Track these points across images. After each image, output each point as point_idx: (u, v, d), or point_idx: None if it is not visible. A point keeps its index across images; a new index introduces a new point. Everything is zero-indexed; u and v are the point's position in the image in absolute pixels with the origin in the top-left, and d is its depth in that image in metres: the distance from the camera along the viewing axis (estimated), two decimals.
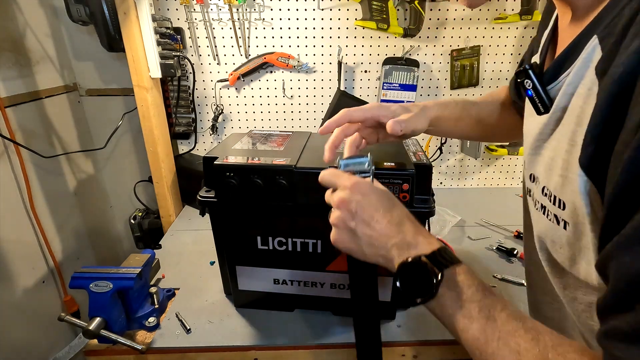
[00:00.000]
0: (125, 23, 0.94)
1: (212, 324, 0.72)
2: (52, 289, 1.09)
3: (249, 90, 1.20)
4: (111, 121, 1.21)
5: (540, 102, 0.38)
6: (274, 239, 0.66)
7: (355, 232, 0.40)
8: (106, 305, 0.63)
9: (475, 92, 1.22)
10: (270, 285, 0.72)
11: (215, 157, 0.62)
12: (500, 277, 0.84)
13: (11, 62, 0.97)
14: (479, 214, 1.11)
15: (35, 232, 1.03)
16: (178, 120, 1.20)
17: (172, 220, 1.15)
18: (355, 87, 1.21)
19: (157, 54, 1.00)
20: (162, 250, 0.98)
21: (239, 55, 1.15)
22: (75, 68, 1.20)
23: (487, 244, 0.98)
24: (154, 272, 0.84)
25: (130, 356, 0.69)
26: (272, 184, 0.59)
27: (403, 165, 0.59)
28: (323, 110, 1.23)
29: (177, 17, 1.11)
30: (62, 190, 1.16)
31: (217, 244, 0.72)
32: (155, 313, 0.70)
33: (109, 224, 1.40)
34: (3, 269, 0.92)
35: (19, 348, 0.96)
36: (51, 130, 1.11)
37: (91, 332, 0.61)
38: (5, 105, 0.93)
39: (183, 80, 1.17)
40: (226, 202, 0.62)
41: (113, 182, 1.35)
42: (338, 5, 1.11)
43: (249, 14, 1.10)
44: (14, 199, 0.97)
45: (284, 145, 0.71)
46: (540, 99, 0.38)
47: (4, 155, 0.94)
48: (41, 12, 1.08)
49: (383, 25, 1.09)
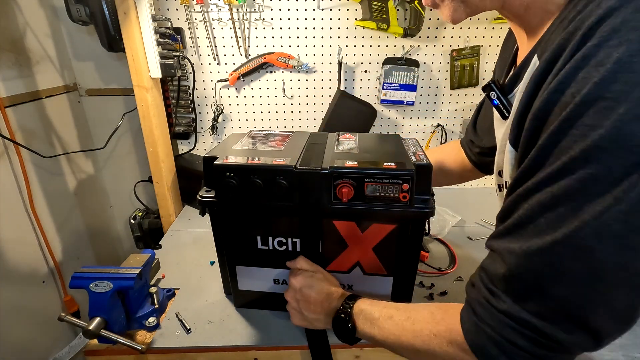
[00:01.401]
0: (125, 23, 0.94)
1: (212, 324, 0.72)
2: (52, 289, 1.09)
3: (249, 90, 1.20)
4: (111, 121, 1.21)
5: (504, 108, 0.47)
6: (274, 239, 0.66)
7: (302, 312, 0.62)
8: (106, 305, 0.62)
9: (475, 92, 1.22)
10: (270, 285, 0.72)
11: (215, 157, 0.62)
12: None
13: (11, 62, 0.97)
14: (479, 214, 1.11)
15: (35, 232, 1.03)
16: (178, 120, 1.20)
17: (172, 220, 1.15)
18: (355, 87, 1.21)
19: (157, 54, 1.00)
20: (162, 250, 0.98)
21: (239, 55, 1.15)
22: (75, 68, 1.20)
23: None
24: (154, 272, 0.84)
25: (130, 356, 0.69)
26: (272, 184, 0.59)
27: (403, 165, 0.59)
28: (323, 110, 1.23)
29: (177, 17, 1.11)
30: (62, 190, 1.16)
31: (217, 244, 0.72)
32: (155, 313, 0.70)
33: (109, 224, 1.40)
34: (3, 269, 0.92)
35: (19, 348, 0.96)
36: (51, 130, 1.11)
37: (91, 332, 0.61)
38: (5, 105, 0.93)
39: (183, 80, 1.17)
40: (226, 202, 0.62)
41: (113, 182, 1.35)
42: (338, 5, 1.11)
43: (249, 14, 1.10)
44: (14, 199, 0.97)
45: (284, 145, 0.71)
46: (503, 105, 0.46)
47: (4, 155, 0.94)
48: (41, 12, 1.08)
49: (383, 25, 1.09)
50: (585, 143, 0.29)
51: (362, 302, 0.56)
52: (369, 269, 0.67)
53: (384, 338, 0.50)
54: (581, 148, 0.29)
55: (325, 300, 0.60)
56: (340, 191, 0.58)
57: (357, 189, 0.58)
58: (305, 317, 0.62)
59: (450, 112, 1.26)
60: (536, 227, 0.33)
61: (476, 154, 0.77)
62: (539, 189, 0.33)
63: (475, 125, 0.75)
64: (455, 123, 1.27)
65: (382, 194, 0.58)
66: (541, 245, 0.32)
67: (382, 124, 1.27)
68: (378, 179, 0.57)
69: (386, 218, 0.61)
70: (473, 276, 0.42)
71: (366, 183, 0.58)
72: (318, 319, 0.61)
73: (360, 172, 0.58)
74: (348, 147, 0.69)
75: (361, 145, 0.70)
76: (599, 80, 0.28)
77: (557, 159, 0.31)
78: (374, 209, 0.59)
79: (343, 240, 0.64)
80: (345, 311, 0.56)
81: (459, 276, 0.85)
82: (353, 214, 0.61)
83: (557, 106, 0.32)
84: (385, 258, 0.65)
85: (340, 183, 0.58)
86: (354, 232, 0.63)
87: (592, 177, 0.29)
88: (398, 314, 0.50)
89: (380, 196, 0.58)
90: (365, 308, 0.54)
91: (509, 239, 0.36)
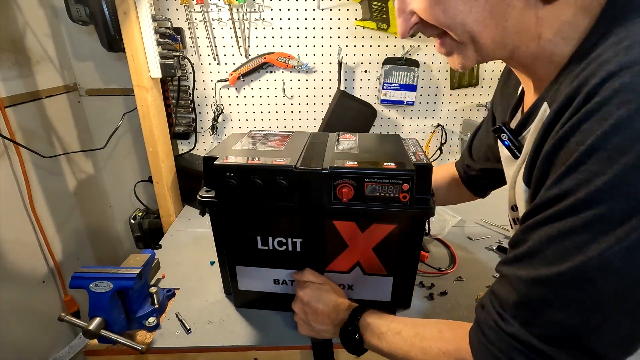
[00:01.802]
0: (125, 23, 0.94)
1: (212, 324, 0.72)
2: (52, 289, 1.09)
3: (249, 90, 1.20)
4: (111, 121, 1.21)
5: (516, 149, 0.50)
6: (274, 239, 0.66)
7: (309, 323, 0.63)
8: (106, 305, 0.62)
9: (475, 92, 1.22)
10: (270, 285, 0.72)
11: (215, 157, 0.62)
12: None
13: (11, 62, 0.97)
14: (479, 214, 1.11)
15: (35, 232, 1.03)
16: (178, 120, 1.20)
17: (172, 220, 1.15)
18: (355, 87, 1.21)
19: (157, 54, 1.00)
20: (162, 250, 0.98)
21: (239, 55, 1.15)
22: (75, 68, 1.20)
23: (487, 244, 0.98)
24: (154, 272, 0.84)
25: (130, 356, 0.69)
26: (272, 184, 0.59)
27: (403, 165, 0.59)
28: (323, 110, 1.23)
29: (177, 17, 1.11)
30: (62, 190, 1.16)
31: (217, 244, 0.72)
32: (155, 313, 0.70)
33: (109, 224, 1.40)
34: (3, 269, 0.92)
35: (19, 348, 0.96)
36: (51, 130, 1.11)
37: (91, 332, 0.61)
38: (5, 105, 0.93)
39: (183, 80, 1.17)
40: (226, 202, 0.62)
41: (113, 182, 1.35)
42: (338, 5, 1.11)
43: (249, 14, 1.10)
44: (14, 199, 0.97)
45: (284, 145, 0.71)
46: (514, 146, 0.50)
47: (4, 155, 0.94)
48: (41, 12, 1.08)
49: (383, 25, 1.09)
50: (589, 187, 0.32)
51: (369, 315, 0.57)
52: (369, 269, 0.67)
53: (391, 352, 0.52)
54: (586, 191, 0.33)
55: (332, 312, 0.61)
56: (340, 191, 0.58)
57: (357, 189, 0.58)
58: (313, 328, 0.63)
59: (450, 112, 1.26)
60: (544, 258, 0.36)
61: (471, 177, 0.80)
62: (548, 223, 0.36)
63: (471, 151, 0.78)
64: (455, 123, 1.27)
65: (382, 194, 0.58)
66: (548, 274, 0.35)
67: (382, 124, 1.27)
68: (378, 179, 0.58)
69: (386, 218, 0.61)
70: (483, 298, 0.44)
71: (366, 183, 0.58)
72: (326, 330, 0.62)
73: (360, 172, 0.58)
74: (348, 147, 0.69)
75: (361, 145, 0.70)
76: (601, 133, 0.32)
77: (564, 198, 0.34)
78: (374, 209, 0.59)
79: (343, 240, 0.64)
80: (352, 324, 0.58)
81: (459, 276, 0.85)
82: (353, 214, 0.61)
83: (562, 151, 0.36)
84: (385, 258, 0.65)
85: (340, 183, 0.58)
86: (354, 232, 0.63)
87: (597, 217, 0.32)
88: (406, 330, 0.52)
89: (380, 196, 0.58)
90: (373, 321, 0.56)
91: (517, 266, 0.39)
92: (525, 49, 0.42)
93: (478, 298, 0.76)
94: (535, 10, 0.39)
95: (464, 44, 0.44)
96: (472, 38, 0.42)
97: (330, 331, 0.62)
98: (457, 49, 0.45)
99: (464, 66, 0.46)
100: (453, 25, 0.42)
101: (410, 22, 0.45)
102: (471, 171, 0.79)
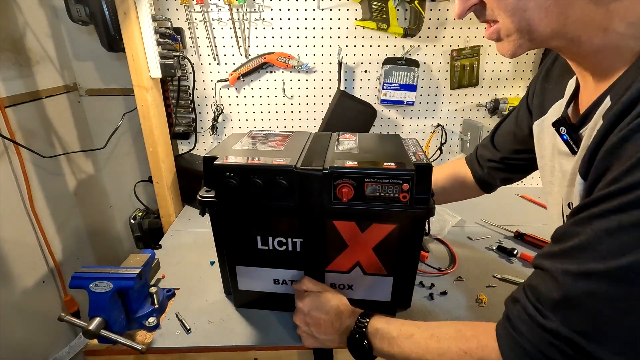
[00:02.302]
0: (125, 23, 0.94)
1: (212, 324, 0.72)
2: (52, 289, 1.09)
3: (249, 90, 1.20)
4: (111, 121, 1.21)
5: (574, 144, 0.48)
6: (274, 239, 0.66)
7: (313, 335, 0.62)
8: (106, 305, 0.62)
9: (475, 92, 1.22)
10: (270, 285, 0.72)
11: (215, 157, 0.62)
12: (500, 277, 0.84)
13: (11, 62, 0.97)
14: (479, 214, 1.11)
15: (35, 232, 1.03)
16: (178, 120, 1.20)
17: (172, 220, 1.15)
18: (355, 87, 1.21)
19: (157, 54, 1.00)
20: (162, 250, 0.98)
21: (239, 55, 1.15)
22: (75, 68, 1.20)
23: (487, 244, 0.98)
24: (154, 272, 0.84)
25: (130, 356, 0.69)
26: (272, 184, 0.59)
27: (403, 165, 0.59)
28: (323, 110, 1.23)
29: (177, 17, 1.11)
30: (62, 190, 1.16)
31: (217, 244, 0.72)
32: (155, 313, 0.70)
33: (109, 224, 1.40)
34: (3, 269, 0.92)
35: (19, 348, 0.96)
36: (51, 130, 1.11)
37: (91, 332, 0.61)
38: (5, 105, 0.93)
39: (183, 80, 1.17)
40: (226, 202, 0.62)
41: (113, 182, 1.35)
42: (338, 5, 1.11)
43: (249, 14, 1.10)
44: (14, 199, 0.97)
45: (284, 145, 0.71)
46: (573, 141, 0.48)
47: (4, 155, 0.94)
48: (41, 12, 1.08)
49: (383, 25, 1.09)
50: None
51: (376, 321, 0.56)
52: (369, 269, 0.67)
53: (405, 356, 0.50)
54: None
55: (336, 320, 0.60)
56: (340, 191, 0.58)
57: (357, 189, 0.58)
58: (317, 339, 0.62)
59: (450, 112, 1.26)
60: (596, 252, 0.34)
61: (488, 169, 0.78)
62: (605, 216, 0.34)
63: (494, 141, 0.77)
64: (455, 123, 1.27)
65: (382, 194, 0.58)
66: (602, 269, 0.34)
67: (382, 124, 1.27)
68: (378, 179, 0.58)
69: (386, 218, 0.61)
70: (516, 292, 0.42)
71: (366, 183, 0.58)
72: (331, 340, 0.61)
73: (360, 172, 0.58)
74: (348, 147, 0.69)
75: (361, 145, 0.70)
76: None
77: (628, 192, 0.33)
78: (374, 209, 0.59)
79: (343, 240, 0.64)
80: (359, 331, 0.56)
81: (459, 276, 0.85)
82: (353, 214, 0.61)
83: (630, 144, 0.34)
84: (385, 258, 0.65)
85: (340, 183, 0.58)
86: (354, 232, 0.63)
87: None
88: (419, 332, 0.50)
89: (380, 196, 0.58)
90: (382, 327, 0.54)
91: (564, 260, 0.37)
92: (587, 40, 0.41)
93: (478, 298, 0.76)
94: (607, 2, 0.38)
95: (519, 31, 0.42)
96: (530, 25, 0.41)
97: (336, 340, 0.60)
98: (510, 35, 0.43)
99: (514, 54, 0.45)
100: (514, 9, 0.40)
101: (470, 3, 0.44)
102: (489, 163, 0.77)
